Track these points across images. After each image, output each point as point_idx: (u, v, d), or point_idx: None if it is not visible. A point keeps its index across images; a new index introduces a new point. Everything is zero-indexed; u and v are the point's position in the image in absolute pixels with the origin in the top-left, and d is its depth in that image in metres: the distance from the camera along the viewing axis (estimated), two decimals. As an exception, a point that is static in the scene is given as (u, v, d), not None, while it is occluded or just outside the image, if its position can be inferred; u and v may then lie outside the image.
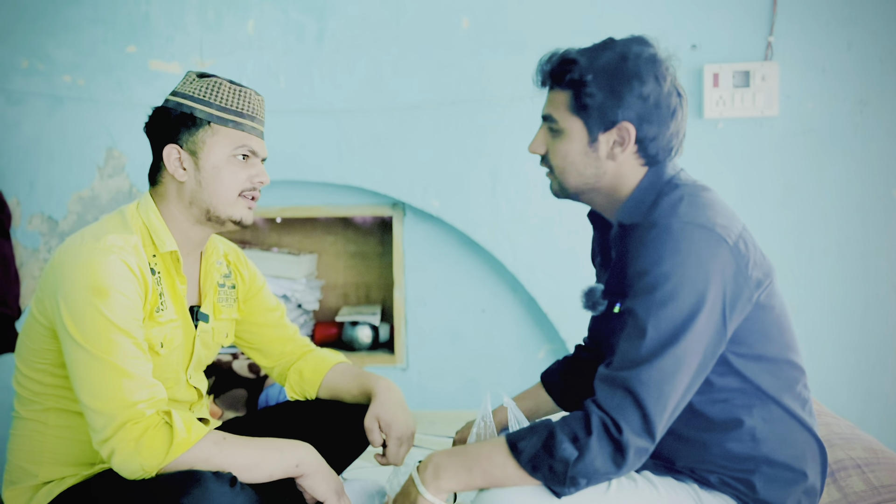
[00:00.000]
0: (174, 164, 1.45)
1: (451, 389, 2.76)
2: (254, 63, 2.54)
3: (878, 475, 1.51)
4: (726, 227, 1.26)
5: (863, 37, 2.44)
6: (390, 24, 2.52)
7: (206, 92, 1.45)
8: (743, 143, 2.50)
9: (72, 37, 2.54)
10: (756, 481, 1.29)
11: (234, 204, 1.47)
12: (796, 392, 1.33)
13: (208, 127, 1.44)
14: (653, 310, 1.21)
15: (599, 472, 1.20)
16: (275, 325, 1.71)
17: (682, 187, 1.32)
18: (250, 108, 1.47)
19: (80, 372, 1.31)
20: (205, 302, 1.56)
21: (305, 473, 1.38)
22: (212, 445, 1.30)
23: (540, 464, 1.21)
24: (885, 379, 2.51)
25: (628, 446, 1.19)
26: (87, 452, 1.41)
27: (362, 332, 2.83)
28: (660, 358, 1.20)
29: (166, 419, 1.29)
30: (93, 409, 1.29)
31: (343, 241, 3.00)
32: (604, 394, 1.22)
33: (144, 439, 1.26)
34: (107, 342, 1.30)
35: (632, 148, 1.34)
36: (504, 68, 2.51)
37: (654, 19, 2.45)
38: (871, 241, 2.50)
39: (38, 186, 2.57)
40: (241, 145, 1.45)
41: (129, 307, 1.34)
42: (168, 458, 1.26)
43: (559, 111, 1.36)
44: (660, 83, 1.32)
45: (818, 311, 2.52)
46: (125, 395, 1.28)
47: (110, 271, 1.33)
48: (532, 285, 2.59)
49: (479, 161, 2.55)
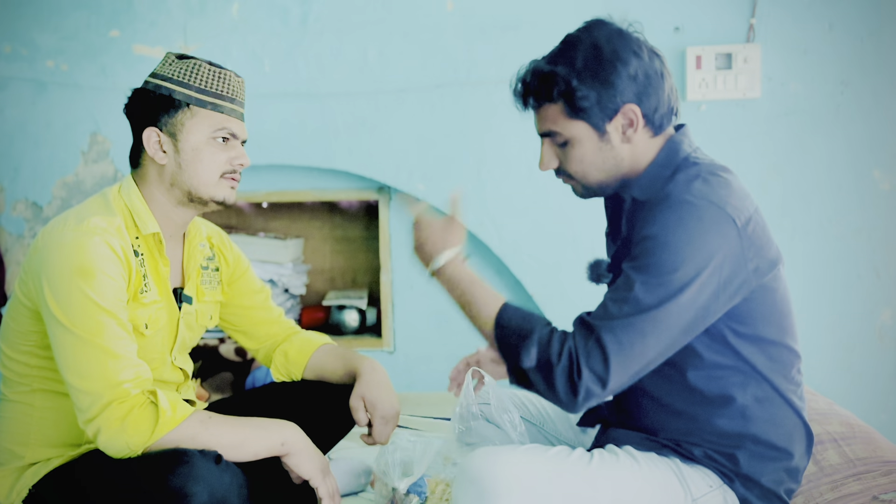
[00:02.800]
0: (154, 147, 1.44)
1: (437, 371, 2.77)
2: (238, 47, 2.53)
3: (853, 448, 1.54)
4: (738, 208, 1.27)
5: (844, 18, 2.45)
6: (375, 7, 2.52)
7: (186, 74, 1.44)
8: (726, 125, 2.51)
9: (55, 22, 2.52)
10: (740, 456, 1.32)
11: (216, 185, 1.46)
12: (791, 376, 1.36)
13: (187, 109, 1.43)
14: (645, 273, 1.23)
15: (542, 391, 1.27)
16: (260, 308, 1.71)
17: (700, 165, 1.32)
18: (230, 90, 1.46)
19: (65, 353, 1.31)
20: (188, 284, 1.56)
21: (290, 452, 1.39)
22: (197, 424, 1.31)
23: (506, 340, 1.30)
24: (863, 356, 2.55)
25: (580, 388, 1.23)
26: (74, 433, 1.41)
27: (349, 315, 2.84)
28: (636, 317, 1.23)
29: (152, 398, 1.30)
30: (78, 388, 1.30)
31: (329, 226, 3.01)
32: (579, 335, 1.26)
33: (130, 418, 1.27)
34: (92, 323, 1.30)
35: (642, 124, 1.34)
36: (489, 51, 2.51)
37: (637, 1, 2.46)
38: (852, 221, 2.52)
39: (23, 172, 2.57)
40: (221, 128, 1.45)
41: (113, 288, 1.34)
42: (154, 436, 1.27)
43: (558, 123, 1.34)
44: (639, 56, 1.32)
45: (800, 290, 2.54)
46: (111, 374, 1.29)
47: (94, 253, 1.33)
48: (517, 267, 2.61)
49: (464, 144, 2.56)
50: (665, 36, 2.48)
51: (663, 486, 1.31)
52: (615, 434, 1.39)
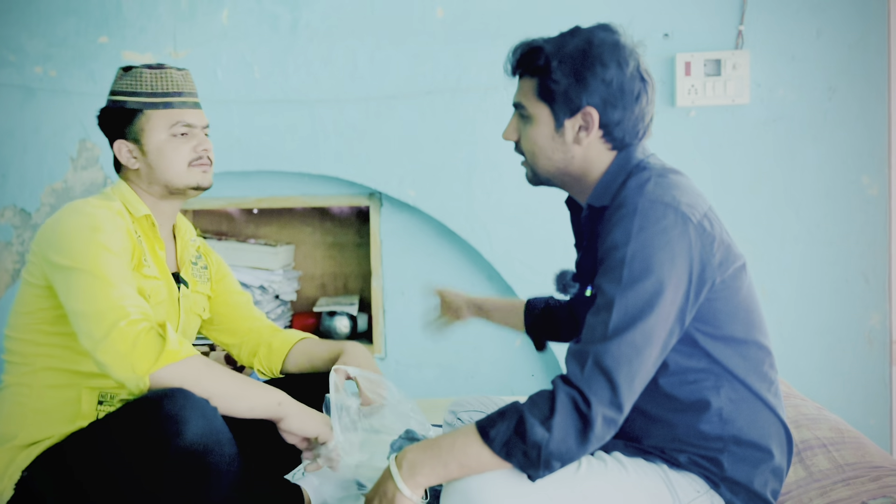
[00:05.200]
0: (126, 157, 1.57)
1: (428, 378, 2.78)
2: (228, 53, 2.53)
3: (842, 454, 1.54)
4: (691, 205, 1.28)
5: (831, 25, 2.47)
6: (365, 13, 2.52)
7: (132, 83, 1.55)
8: (715, 132, 2.53)
9: (44, 27, 2.51)
10: (724, 460, 1.32)
11: (187, 174, 1.56)
12: (763, 373, 1.36)
13: (142, 115, 1.55)
14: (620, 285, 1.24)
15: (572, 451, 1.21)
16: (243, 305, 1.78)
17: (649, 169, 1.35)
18: (174, 86, 1.55)
19: (72, 288, 1.36)
20: (183, 270, 1.64)
21: (288, 414, 1.40)
22: (202, 365, 1.34)
23: (514, 450, 1.21)
24: (852, 362, 2.56)
25: (595, 419, 1.20)
26: (71, 409, 1.44)
27: (340, 322, 2.84)
28: (628, 332, 1.22)
29: (160, 330, 1.33)
30: (84, 313, 1.33)
31: (320, 232, 3.00)
32: (573, 368, 1.24)
33: (137, 342, 1.30)
34: (98, 259, 1.36)
35: (596, 133, 1.37)
36: (479, 58, 2.52)
37: (626, 8, 2.47)
38: (840, 226, 2.54)
39: (11, 178, 2.55)
40: (175, 122, 1.55)
41: (120, 240, 1.43)
42: (159, 362, 1.29)
43: (527, 98, 1.39)
44: (622, 68, 1.34)
45: (788, 296, 2.56)
46: (115, 300, 1.33)
47: (104, 216, 1.44)
48: (508, 274, 2.61)
49: (454, 150, 2.57)
50: (654, 42, 2.49)
51: (652, 493, 1.31)
52: (603, 441, 1.39)
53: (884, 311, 2.54)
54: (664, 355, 1.27)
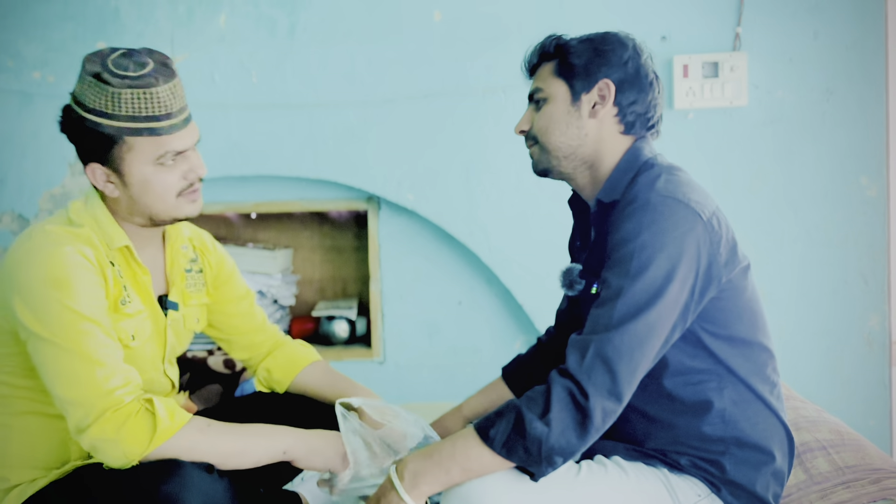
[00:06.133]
0: (102, 184, 1.35)
1: (427, 382, 2.78)
2: (226, 58, 2.53)
3: (842, 456, 1.54)
4: (701, 203, 1.30)
5: (828, 26, 2.47)
6: (362, 17, 2.52)
7: (108, 104, 1.29)
8: (713, 134, 2.52)
9: (41, 33, 2.51)
10: (726, 463, 1.32)
11: (175, 206, 1.37)
12: (765, 375, 1.36)
13: (123, 142, 1.30)
14: (627, 278, 1.24)
15: (572, 443, 1.21)
16: (243, 315, 1.68)
17: (659, 166, 1.37)
18: (160, 107, 1.30)
19: (50, 366, 1.27)
20: (172, 290, 1.51)
21: (295, 458, 1.37)
22: (196, 432, 1.28)
23: (514, 447, 1.21)
24: (851, 363, 2.55)
25: (593, 410, 1.20)
26: (57, 454, 1.38)
27: (339, 326, 2.83)
28: (632, 323, 1.22)
29: (147, 406, 1.26)
30: (68, 400, 1.25)
31: (319, 236, 3.00)
32: (574, 358, 1.23)
33: (126, 427, 1.23)
34: (74, 332, 1.26)
35: (611, 110, 1.39)
36: (477, 61, 2.52)
37: (624, 11, 2.47)
38: (839, 228, 2.54)
39: (9, 184, 2.55)
40: (164, 153, 1.32)
41: (91, 295, 1.29)
42: (152, 445, 1.24)
43: (545, 80, 1.44)
44: (639, 54, 1.41)
45: (787, 297, 2.56)
46: (100, 383, 1.24)
47: (66, 261, 1.27)
48: (507, 277, 2.61)
49: (453, 154, 2.56)
50: (652, 45, 2.45)
51: (652, 497, 1.31)
52: (602, 445, 1.38)
53: (883, 313, 2.54)
54: (664, 350, 1.27)
